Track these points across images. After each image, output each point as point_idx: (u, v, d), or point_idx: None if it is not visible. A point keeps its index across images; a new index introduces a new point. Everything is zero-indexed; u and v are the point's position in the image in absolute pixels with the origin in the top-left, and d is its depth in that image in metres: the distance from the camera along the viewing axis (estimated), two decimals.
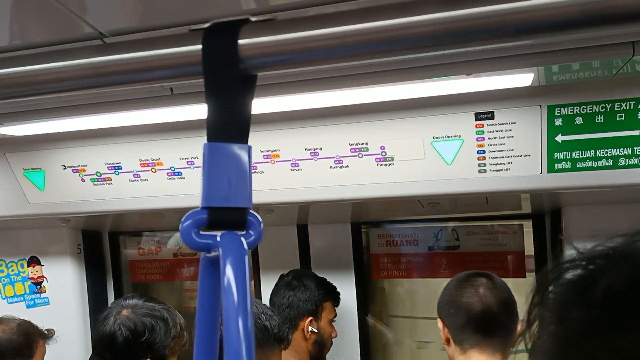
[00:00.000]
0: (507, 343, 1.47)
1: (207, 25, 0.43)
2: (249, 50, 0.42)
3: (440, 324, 1.54)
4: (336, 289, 2.05)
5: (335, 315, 2.02)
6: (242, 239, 0.41)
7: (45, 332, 1.87)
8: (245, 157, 0.43)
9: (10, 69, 0.45)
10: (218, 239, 0.41)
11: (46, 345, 1.87)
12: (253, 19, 0.43)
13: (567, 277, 0.45)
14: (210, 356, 0.45)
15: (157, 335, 1.53)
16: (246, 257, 0.39)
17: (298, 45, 0.40)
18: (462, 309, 1.46)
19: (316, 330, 1.92)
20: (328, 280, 2.05)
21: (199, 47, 0.43)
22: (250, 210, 0.44)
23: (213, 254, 0.43)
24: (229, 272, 0.37)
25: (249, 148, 0.44)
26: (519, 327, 1.50)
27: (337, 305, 2.05)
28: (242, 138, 0.44)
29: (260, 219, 0.44)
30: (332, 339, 2.02)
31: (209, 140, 0.43)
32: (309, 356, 1.93)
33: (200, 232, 0.42)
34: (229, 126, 0.43)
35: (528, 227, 2.11)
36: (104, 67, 0.44)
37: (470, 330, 1.45)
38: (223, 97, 0.43)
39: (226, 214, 0.42)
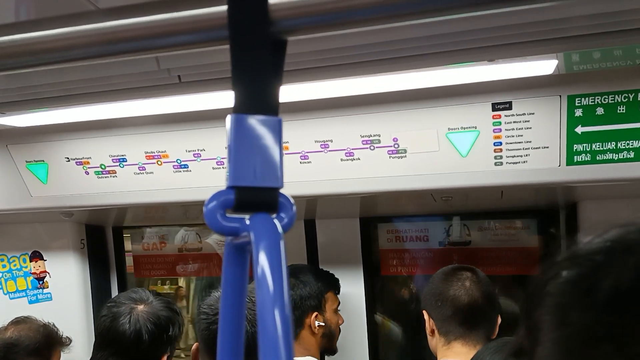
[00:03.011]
0: (489, 335, 1.52)
1: None
2: (280, 10, 0.37)
3: (425, 315, 1.60)
4: (334, 276, 2.02)
5: (339, 303, 1.98)
6: (276, 221, 0.36)
7: (64, 340, 1.86)
8: (276, 131, 0.39)
9: (13, 36, 0.40)
10: (247, 222, 0.37)
11: (62, 353, 1.85)
12: None
13: (566, 276, 0.40)
14: (235, 353, 0.41)
15: (177, 329, 1.49)
16: (281, 242, 0.35)
17: (337, 4, 0.36)
18: (449, 302, 1.52)
19: (323, 324, 1.89)
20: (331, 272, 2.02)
21: (224, 8, 0.38)
22: (281, 191, 0.39)
23: (240, 239, 0.38)
24: (262, 258, 0.33)
25: (280, 121, 0.39)
26: (499, 320, 1.53)
27: (339, 293, 2.01)
28: (273, 110, 0.39)
29: (293, 201, 0.39)
30: (340, 327, 1.98)
31: (235, 111, 0.38)
32: (319, 351, 1.90)
33: (227, 215, 0.37)
34: (259, 97, 0.38)
35: (542, 222, 2.07)
36: (118, 33, 0.39)
37: (456, 322, 1.51)
38: (252, 64, 0.38)
39: (256, 194, 0.37)
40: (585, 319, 0.37)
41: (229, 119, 0.38)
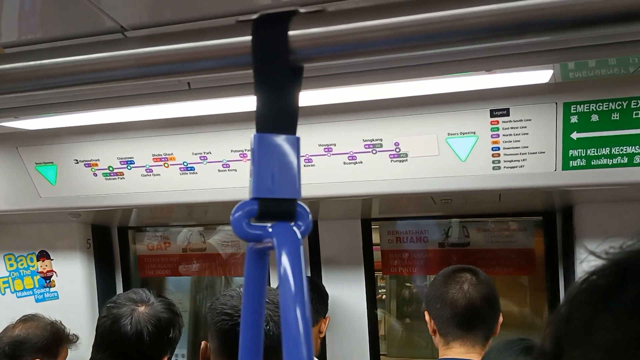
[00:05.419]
0: (488, 335, 1.56)
1: (255, 16, 0.43)
2: (299, 41, 0.42)
3: (427, 316, 1.62)
4: None
5: None
6: (295, 228, 0.41)
7: (71, 337, 1.90)
8: (294, 148, 0.43)
9: (57, 59, 0.45)
10: (269, 229, 0.41)
11: (69, 350, 1.89)
12: (302, 10, 0.43)
13: (604, 285, 0.42)
14: (256, 349, 0.45)
15: (177, 331, 1.50)
16: (301, 247, 0.39)
17: (350, 37, 0.40)
18: (447, 304, 1.54)
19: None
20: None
21: (249, 38, 0.43)
22: (299, 202, 0.44)
23: (262, 245, 0.43)
24: (285, 262, 0.37)
25: (298, 139, 0.44)
26: (501, 320, 1.56)
27: None
28: (291, 129, 0.44)
29: (309, 210, 0.44)
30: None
31: (258, 131, 0.43)
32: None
33: (251, 223, 0.42)
34: (279, 117, 0.43)
35: (539, 224, 2.11)
36: (152, 58, 0.44)
37: (454, 324, 1.54)
38: (273, 88, 0.43)
39: (276, 204, 0.42)
40: (635, 326, 0.38)
41: (252, 137, 0.43)
